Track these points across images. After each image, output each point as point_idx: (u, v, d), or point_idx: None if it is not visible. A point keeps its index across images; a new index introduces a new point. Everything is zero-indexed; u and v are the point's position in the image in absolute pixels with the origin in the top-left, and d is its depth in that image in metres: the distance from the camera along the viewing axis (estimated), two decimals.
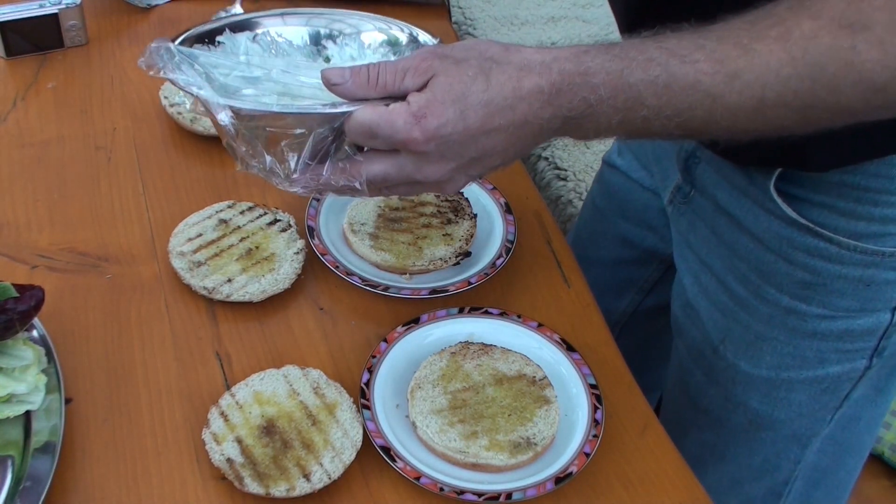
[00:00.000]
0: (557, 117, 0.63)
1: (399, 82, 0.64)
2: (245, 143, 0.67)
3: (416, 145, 0.63)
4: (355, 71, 0.65)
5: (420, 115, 0.62)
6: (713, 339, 0.94)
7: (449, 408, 0.78)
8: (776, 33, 0.60)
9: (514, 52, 0.64)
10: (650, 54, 0.62)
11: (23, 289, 0.75)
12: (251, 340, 0.85)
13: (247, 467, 0.72)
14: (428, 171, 0.65)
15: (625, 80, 0.61)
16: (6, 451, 0.72)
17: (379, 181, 0.67)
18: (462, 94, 0.62)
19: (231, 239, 0.91)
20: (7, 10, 1.12)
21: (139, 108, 1.09)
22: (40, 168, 1.00)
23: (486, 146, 0.64)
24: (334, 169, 0.67)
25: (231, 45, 0.76)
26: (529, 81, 0.62)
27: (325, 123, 0.65)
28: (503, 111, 0.63)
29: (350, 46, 0.79)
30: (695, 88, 0.61)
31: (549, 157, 1.49)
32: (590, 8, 1.83)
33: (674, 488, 0.78)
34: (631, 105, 0.62)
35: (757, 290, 0.87)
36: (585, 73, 0.62)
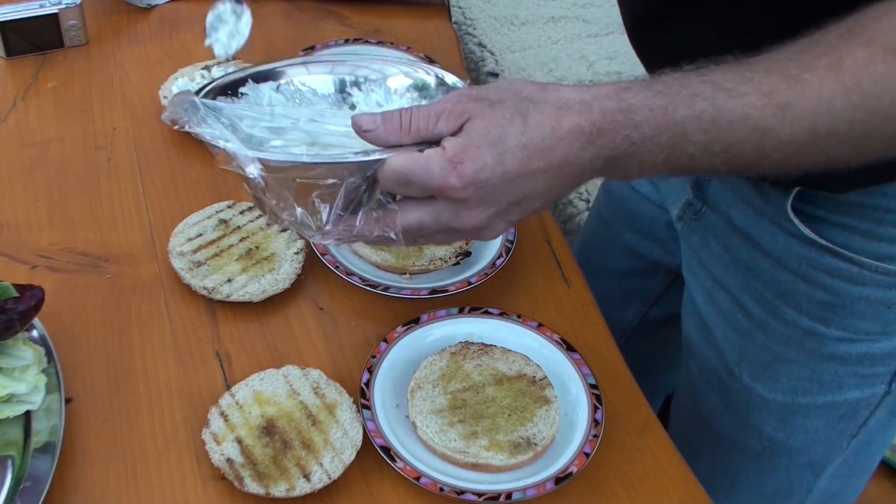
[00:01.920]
0: (599, 157, 0.61)
1: (433, 126, 0.61)
2: (275, 196, 0.64)
3: (453, 192, 0.60)
4: (387, 116, 0.62)
5: (457, 161, 0.59)
6: (729, 361, 0.92)
7: (449, 408, 0.78)
8: (827, 62, 0.57)
9: (552, 90, 0.62)
10: (695, 89, 0.59)
11: (23, 289, 0.75)
12: (251, 340, 0.85)
13: (247, 467, 0.72)
14: (466, 219, 0.62)
15: (669, 116, 0.59)
16: (6, 451, 0.72)
17: (415, 230, 0.64)
18: (499, 137, 0.60)
19: (231, 239, 0.91)
20: (7, 10, 1.12)
21: (139, 108, 1.09)
22: (40, 168, 1.01)
23: (525, 190, 0.61)
24: (368, 219, 0.64)
25: (255, 95, 0.75)
26: (569, 121, 0.60)
27: (358, 172, 0.62)
28: (542, 153, 0.60)
29: (376, 92, 0.77)
30: (743, 122, 0.59)
31: None
32: (590, 8, 1.83)
33: (674, 488, 0.78)
34: (677, 142, 0.60)
35: (775, 310, 0.85)
36: (627, 110, 0.60)
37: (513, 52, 1.68)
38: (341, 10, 1.29)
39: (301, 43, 1.18)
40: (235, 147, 0.63)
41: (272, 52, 1.19)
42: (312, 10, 1.29)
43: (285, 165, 0.63)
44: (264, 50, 1.20)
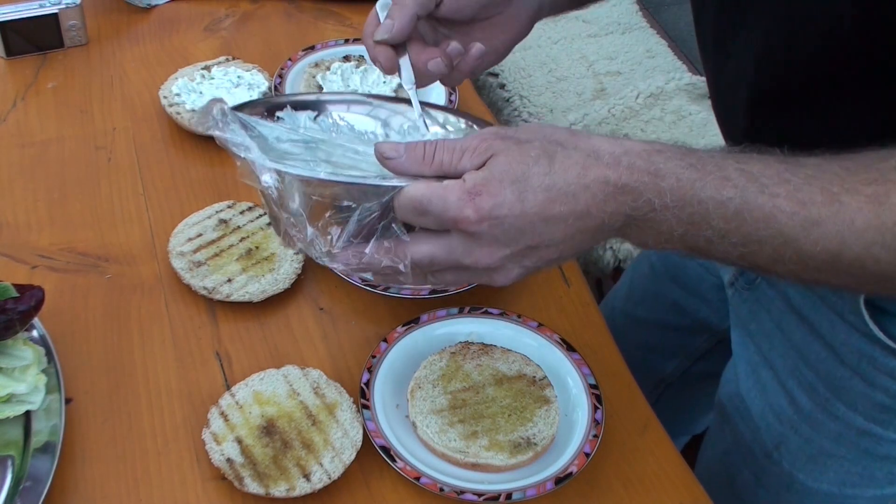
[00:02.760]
0: (620, 214, 0.58)
1: (456, 161, 0.60)
2: (288, 212, 0.63)
3: (467, 224, 0.58)
4: (410, 146, 0.61)
5: (475, 193, 0.58)
6: (766, 443, 0.87)
7: (449, 408, 0.78)
8: (871, 192, 0.55)
9: (583, 138, 0.60)
10: (728, 173, 0.57)
11: (23, 289, 0.75)
12: (251, 340, 0.85)
13: (247, 467, 0.72)
14: (478, 255, 0.60)
15: (695, 192, 0.57)
16: (6, 451, 0.72)
17: (425, 264, 0.62)
18: (522, 175, 0.58)
19: (231, 239, 0.91)
20: (7, 10, 1.12)
21: (139, 108, 1.09)
22: (40, 168, 1.00)
23: (543, 234, 0.59)
24: (378, 247, 0.62)
25: (290, 121, 0.75)
26: (596, 171, 0.58)
27: (374, 197, 0.61)
28: (565, 198, 0.58)
29: (412, 136, 0.77)
30: (768, 223, 0.56)
31: None
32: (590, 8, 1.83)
33: (674, 488, 0.78)
34: (696, 221, 0.57)
35: (825, 405, 0.80)
36: (656, 173, 0.58)
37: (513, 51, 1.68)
38: (341, 10, 1.29)
39: (301, 43, 1.18)
40: (255, 156, 0.62)
41: (272, 52, 1.19)
42: (312, 10, 1.29)
43: (302, 179, 0.61)
44: (264, 50, 1.20)
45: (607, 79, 1.64)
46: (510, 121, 1.58)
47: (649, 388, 1.14)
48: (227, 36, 1.22)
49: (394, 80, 1.13)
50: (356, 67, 1.13)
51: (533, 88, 1.60)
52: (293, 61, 1.15)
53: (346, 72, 1.12)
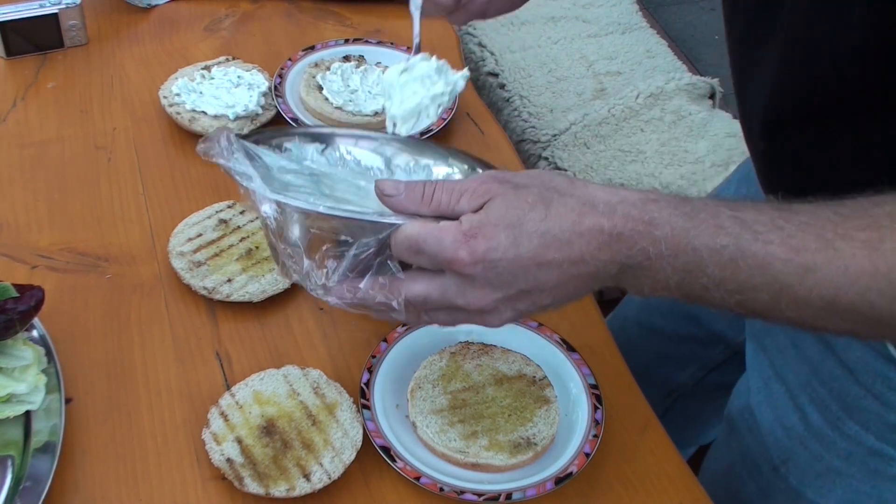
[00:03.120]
0: (615, 262, 0.59)
1: (454, 202, 0.61)
2: (285, 243, 0.64)
3: (461, 266, 0.59)
4: (410, 185, 0.62)
5: (470, 235, 0.58)
6: (773, 458, 0.87)
7: (449, 408, 0.78)
8: (866, 237, 0.55)
9: (580, 186, 0.61)
10: (722, 221, 0.57)
11: (23, 289, 0.75)
12: (251, 340, 0.85)
13: (247, 467, 0.72)
14: (471, 297, 0.61)
15: (689, 241, 0.57)
16: (6, 451, 0.72)
17: (419, 302, 0.62)
18: (518, 220, 0.59)
19: (231, 239, 0.91)
20: (7, 10, 1.12)
21: (139, 108, 1.09)
22: (40, 168, 1.00)
23: (537, 279, 0.60)
24: (373, 284, 0.63)
25: (298, 153, 0.75)
26: (591, 219, 0.58)
27: (372, 233, 0.61)
28: (559, 245, 0.59)
29: (417, 175, 0.78)
30: (763, 270, 0.57)
31: (549, 157, 1.49)
32: (590, 8, 1.83)
33: (674, 488, 0.78)
34: (691, 269, 0.58)
35: (836, 423, 0.80)
36: (650, 222, 0.58)
37: (513, 52, 1.68)
38: (341, 10, 1.29)
39: (301, 43, 1.18)
40: (256, 185, 0.63)
41: (272, 52, 1.19)
42: (312, 10, 1.29)
43: (301, 211, 0.62)
44: (264, 50, 1.20)
45: (607, 79, 1.64)
46: (510, 121, 1.58)
47: (660, 398, 1.14)
48: (227, 36, 1.22)
49: None
50: (356, 67, 1.14)
51: (533, 88, 1.60)
52: (293, 61, 1.15)
53: (346, 72, 1.12)
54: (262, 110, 1.07)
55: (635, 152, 1.47)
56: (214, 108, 1.04)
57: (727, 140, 1.49)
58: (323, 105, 1.08)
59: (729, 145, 1.48)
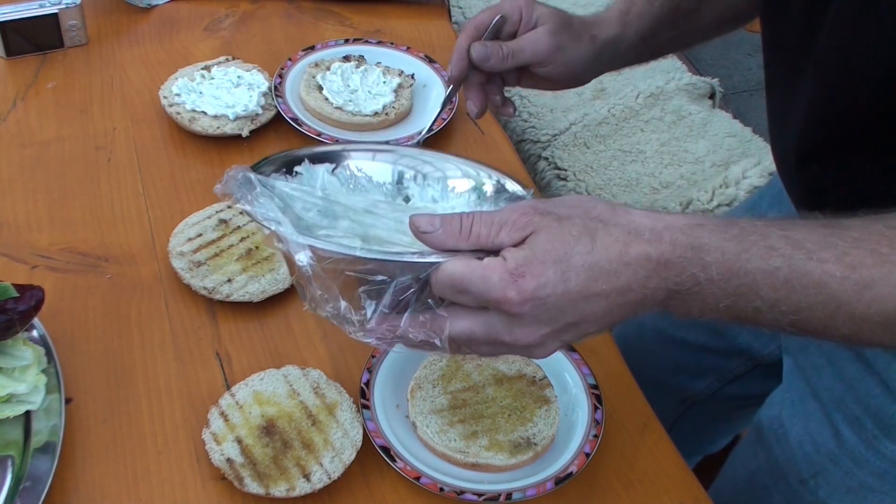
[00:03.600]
0: (662, 289, 0.58)
1: (494, 235, 0.59)
2: (321, 287, 0.62)
3: (510, 306, 0.57)
4: (447, 219, 0.60)
5: (518, 274, 0.57)
6: (801, 471, 0.86)
7: (449, 408, 0.78)
8: None
9: (623, 213, 0.60)
10: (773, 242, 0.57)
11: (23, 289, 0.75)
12: (251, 340, 0.85)
13: (247, 467, 0.72)
14: (519, 334, 0.59)
15: (741, 265, 0.57)
16: (6, 451, 0.72)
17: (463, 340, 0.61)
18: (564, 255, 0.57)
19: (231, 239, 0.91)
20: (7, 10, 1.12)
21: (139, 108, 1.09)
22: (40, 168, 1.00)
23: (584, 311, 0.59)
24: (413, 321, 0.61)
25: (309, 176, 0.73)
26: (637, 247, 0.58)
27: (410, 272, 0.59)
28: (607, 276, 0.57)
29: (432, 188, 0.76)
30: (818, 289, 0.56)
31: (548, 157, 1.49)
32: (590, 8, 1.83)
33: (674, 488, 0.78)
34: (743, 292, 0.57)
35: (871, 441, 0.79)
36: (699, 248, 0.57)
37: None
38: (341, 10, 1.29)
39: (301, 43, 1.18)
40: (287, 231, 0.61)
41: (272, 52, 1.19)
42: (312, 10, 1.29)
43: (336, 256, 0.60)
44: (264, 50, 1.20)
45: (607, 79, 1.63)
46: (510, 120, 1.58)
47: (673, 405, 1.13)
48: (227, 36, 1.22)
49: (393, 79, 1.13)
50: (356, 67, 1.14)
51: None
52: (293, 61, 1.15)
53: (345, 72, 1.12)
54: (262, 110, 1.07)
55: (635, 152, 1.47)
56: (214, 108, 1.04)
57: (727, 140, 1.49)
58: (323, 105, 1.08)
59: (729, 145, 1.48)
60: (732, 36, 0.97)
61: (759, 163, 1.35)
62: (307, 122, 1.07)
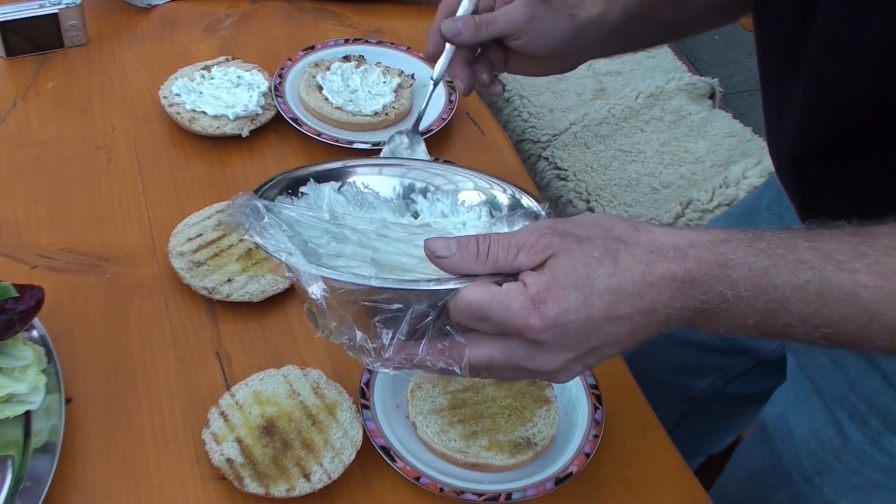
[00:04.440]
0: (688, 308, 0.57)
1: (511, 258, 0.57)
2: (335, 317, 0.60)
3: (532, 333, 0.56)
4: (463, 242, 0.58)
5: (539, 301, 0.55)
6: (806, 469, 0.86)
7: (449, 408, 0.78)
8: None
9: (644, 231, 0.58)
10: (802, 255, 0.56)
11: (23, 289, 0.75)
12: (251, 340, 0.85)
13: (247, 467, 0.72)
14: (541, 361, 0.58)
15: (770, 280, 0.55)
16: (6, 451, 0.72)
17: (483, 366, 0.59)
18: (586, 279, 0.56)
19: (231, 239, 0.91)
20: (7, 10, 1.12)
21: (139, 108, 1.09)
22: (40, 168, 1.00)
23: (608, 335, 0.57)
24: (432, 349, 0.59)
25: (315, 196, 0.72)
26: (661, 267, 0.56)
27: (427, 300, 0.58)
28: (630, 298, 0.56)
29: (442, 202, 0.74)
30: (851, 301, 0.55)
31: (549, 157, 1.49)
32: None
33: (674, 488, 0.78)
34: (773, 308, 0.56)
35: (876, 438, 0.79)
36: (725, 265, 0.56)
37: None
38: (341, 10, 1.29)
39: (301, 43, 1.18)
40: (299, 263, 0.60)
41: (272, 52, 1.19)
42: (312, 10, 1.29)
43: (350, 287, 0.58)
44: (264, 50, 1.20)
45: (607, 79, 1.63)
46: (510, 121, 1.58)
47: (676, 404, 1.13)
48: (227, 36, 1.22)
49: (393, 79, 1.13)
50: (356, 67, 1.14)
51: (533, 88, 1.60)
52: (293, 61, 1.15)
53: (345, 72, 1.12)
54: (262, 110, 1.07)
55: (635, 152, 1.47)
56: (214, 108, 1.04)
57: (727, 140, 1.49)
58: (323, 105, 1.08)
59: (729, 145, 1.48)
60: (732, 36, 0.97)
61: (759, 163, 1.35)
62: (307, 122, 1.07)
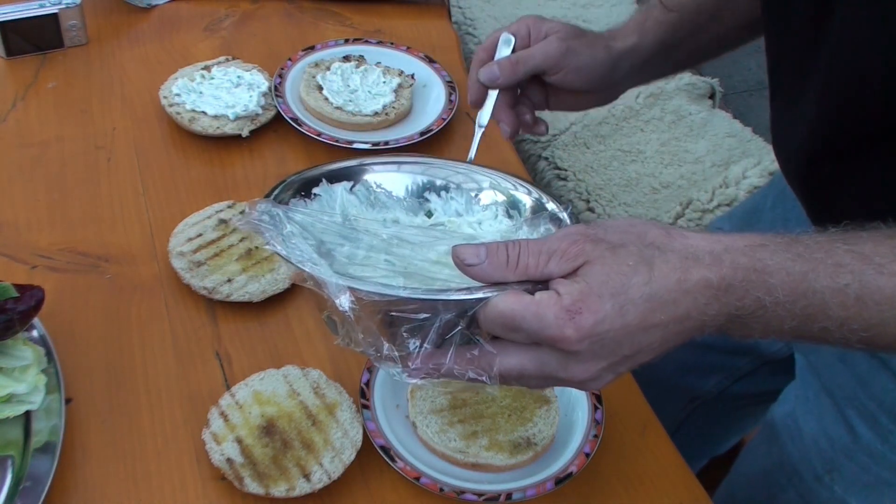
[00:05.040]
0: (723, 314, 0.56)
1: (542, 265, 0.56)
2: (363, 329, 0.59)
3: (567, 344, 0.54)
4: (492, 249, 0.57)
5: (574, 311, 0.54)
6: (816, 467, 0.86)
7: (449, 408, 0.78)
8: None
9: (678, 237, 0.57)
10: (840, 258, 0.55)
11: (23, 289, 0.75)
12: (251, 340, 0.85)
13: (247, 467, 0.72)
14: (575, 371, 0.57)
15: (809, 284, 0.54)
16: (6, 451, 0.72)
17: (514, 376, 0.58)
18: (622, 287, 0.54)
19: (231, 239, 0.91)
20: (7, 10, 1.12)
21: (139, 108, 1.09)
22: (40, 168, 1.00)
23: (642, 343, 0.56)
24: (460, 358, 0.58)
25: (328, 197, 0.71)
26: (697, 273, 0.55)
27: (456, 309, 0.56)
28: (665, 306, 0.55)
29: (456, 200, 0.73)
30: (892, 304, 0.54)
31: (549, 157, 1.49)
32: (590, 8, 1.83)
33: (674, 488, 0.78)
34: (811, 313, 0.55)
35: (887, 437, 0.79)
36: (763, 270, 0.55)
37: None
38: (341, 10, 1.29)
39: (301, 43, 1.18)
40: (325, 274, 0.58)
41: (272, 52, 1.19)
42: (312, 10, 1.29)
43: (379, 298, 0.57)
44: (264, 50, 1.20)
45: None
46: None
47: (681, 405, 1.13)
48: (227, 36, 1.22)
49: (393, 79, 1.13)
50: (356, 67, 1.14)
51: None
52: (293, 61, 1.15)
53: (345, 72, 1.12)
54: (262, 110, 1.07)
55: (635, 152, 1.47)
56: (214, 108, 1.04)
57: (727, 140, 1.49)
58: (323, 105, 1.08)
59: (729, 145, 1.48)
60: None
61: (759, 163, 1.35)
62: (307, 122, 1.07)
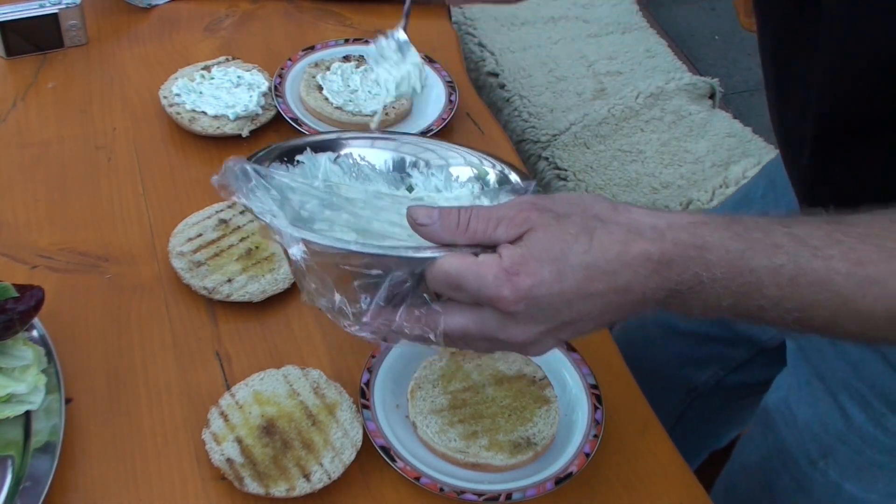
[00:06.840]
0: (663, 289, 0.57)
1: (491, 231, 0.58)
2: (315, 279, 0.62)
3: (504, 304, 0.56)
4: (444, 212, 0.59)
5: (513, 272, 0.56)
6: (811, 452, 0.87)
7: (449, 408, 0.78)
8: None
9: (623, 211, 0.59)
10: (777, 239, 0.56)
11: (23, 289, 0.75)
12: (251, 340, 0.85)
13: (247, 467, 0.73)
14: (513, 332, 0.59)
15: (745, 263, 0.56)
16: (6, 451, 0.72)
17: (457, 335, 0.60)
18: (561, 254, 0.56)
19: (231, 239, 0.91)
20: (7, 10, 1.12)
21: (139, 108, 1.09)
22: (40, 168, 1.01)
23: (580, 311, 0.58)
24: (409, 316, 0.60)
25: (311, 165, 0.73)
26: (637, 246, 0.56)
27: (405, 267, 0.59)
28: (605, 275, 0.56)
29: (436, 177, 0.75)
30: (824, 287, 0.55)
31: (549, 157, 1.49)
32: (590, 8, 1.83)
33: (674, 488, 0.78)
34: (748, 291, 0.56)
35: (879, 419, 0.80)
36: (702, 246, 0.56)
37: (513, 51, 1.68)
38: (341, 10, 1.29)
39: (301, 43, 1.18)
40: (281, 224, 0.61)
41: (272, 52, 1.19)
42: (312, 10, 1.29)
43: (330, 251, 0.60)
44: (264, 50, 1.20)
45: (607, 79, 1.64)
46: (510, 121, 1.58)
47: (679, 398, 1.13)
48: (227, 36, 1.22)
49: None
50: (356, 67, 1.14)
51: (533, 88, 1.60)
52: (293, 61, 1.15)
53: (346, 72, 1.12)
54: (262, 110, 1.07)
55: (635, 152, 1.47)
56: (214, 108, 1.04)
57: (727, 140, 1.49)
58: (323, 105, 1.08)
59: (729, 145, 1.48)
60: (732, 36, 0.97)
61: (759, 163, 1.36)
62: (307, 122, 1.07)
